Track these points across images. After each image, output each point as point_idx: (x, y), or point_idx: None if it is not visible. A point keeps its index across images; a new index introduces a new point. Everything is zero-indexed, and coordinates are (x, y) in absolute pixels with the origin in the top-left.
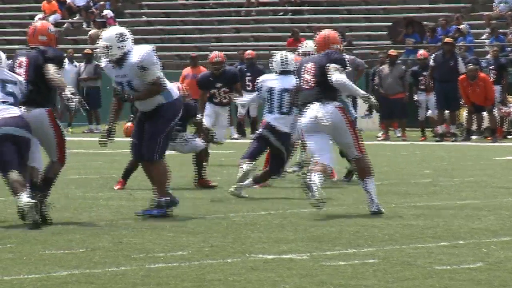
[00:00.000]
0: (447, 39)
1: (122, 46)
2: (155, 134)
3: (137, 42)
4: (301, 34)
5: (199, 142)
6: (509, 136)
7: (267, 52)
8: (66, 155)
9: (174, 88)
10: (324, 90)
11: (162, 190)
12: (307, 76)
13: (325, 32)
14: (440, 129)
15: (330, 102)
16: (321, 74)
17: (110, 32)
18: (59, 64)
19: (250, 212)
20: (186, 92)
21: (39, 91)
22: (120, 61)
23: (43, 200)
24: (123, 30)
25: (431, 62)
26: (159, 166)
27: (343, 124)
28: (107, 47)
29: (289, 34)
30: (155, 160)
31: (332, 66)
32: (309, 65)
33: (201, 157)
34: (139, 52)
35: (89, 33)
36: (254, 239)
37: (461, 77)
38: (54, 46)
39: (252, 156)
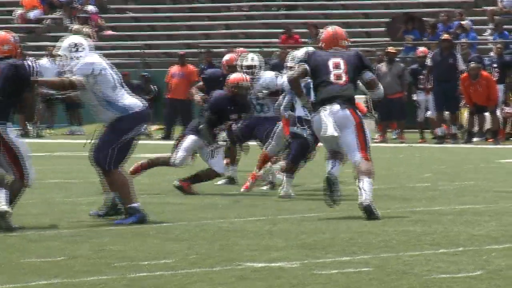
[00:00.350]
0: (445, 36)
1: (76, 57)
2: (107, 143)
3: (122, 39)
4: (295, 30)
5: (221, 167)
6: None
7: (258, 49)
8: (27, 172)
9: (134, 102)
10: (354, 88)
11: (126, 198)
12: (339, 72)
13: (332, 28)
14: (439, 131)
15: (348, 106)
16: (354, 73)
17: (66, 42)
18: (30, 82)
19: (238, 218)
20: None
21: None
22: None
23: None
24: (79, 40)
25: (429, 62)
26: (113, 176)
27: (351, 125)
28: (62, 56)
29: (282, 30)
30: (107, 169)
31: (376, 79)
32: (338, 61)
33: (208, 176)
34: (82, 62)
35: (73, 28)
36: (242, 246)
37: (463, 75)
38: (20, 56)
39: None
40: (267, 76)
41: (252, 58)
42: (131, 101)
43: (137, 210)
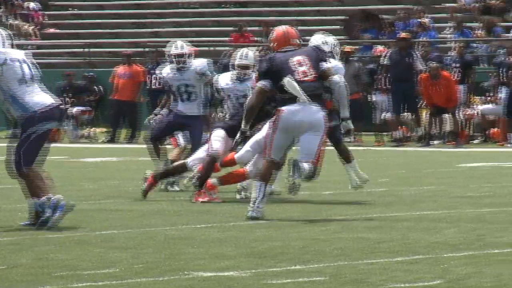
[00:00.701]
0: (402, 35)
1: None
2: (17, 147)
3: (65, 37)
4: (248, 29)
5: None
6: (474, 141)
7: (208, 48)
8: None
9: (41, 100)
10: (321, 84)
11: (46, 191)
12: (304, 68)
13: (283, 28)
14: (398, 133)
15: (321, 109)
16: (318, 68)
17: None
18: None
19: (186, 225)
20: None
21: None
22: None
23: None
24: None
25: (385, 61)
26: (29, 176)
27: (319, 131)
28: None
29: (234, 28)
30: (19, 172)
31: (330, 66)
32: (300, 58)
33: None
34: None
35: (13, 25)
36: (191, 254)
37: (423, 75)
38: None
39: None
40: (198, 63)
41: (182, 46)
42: (39, 99)
43: (60, 201)
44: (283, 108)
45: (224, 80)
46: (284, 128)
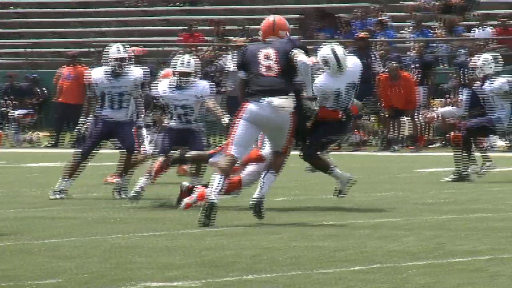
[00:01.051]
0: (361, 34)
1: None
2: None
3: (6, 37)
4: (198, 28)
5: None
6: (433, 145)
7: (156, 48)
8: None
9: None
10: (288, 80)
11: None
12: (269, 62)
13: (272, 18)
14: (355, 138)
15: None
16: (287, 61)
17: None
18: None
19: (134, 233)
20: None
21: None
22: None
23: None
24: None
25: None
26: None
27: (286, 129)
28: None
29: (183, 27)
30: None
31: (297, 50)
32: (269, 51)
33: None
34: None
35: None
36: (138, 264)
37: (381, 76)
38: None
39: None
40: (138, 73)
41: (124, 50)
42: None
43: None
44: (250, 100)
45: (162, 87)
46: (249, 118)
